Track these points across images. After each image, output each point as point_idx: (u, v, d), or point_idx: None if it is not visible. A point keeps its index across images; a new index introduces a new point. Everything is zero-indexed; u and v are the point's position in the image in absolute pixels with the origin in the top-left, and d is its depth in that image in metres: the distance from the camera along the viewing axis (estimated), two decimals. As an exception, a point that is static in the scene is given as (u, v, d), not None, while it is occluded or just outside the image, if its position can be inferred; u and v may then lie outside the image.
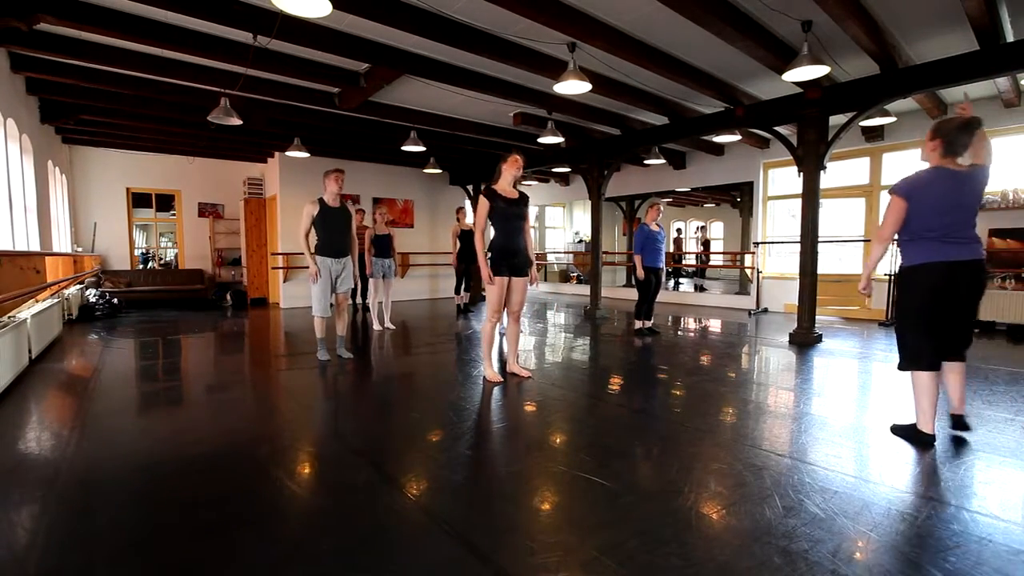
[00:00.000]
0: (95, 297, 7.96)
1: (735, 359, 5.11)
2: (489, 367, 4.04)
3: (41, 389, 3.96)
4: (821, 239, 5.77)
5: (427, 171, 9.37)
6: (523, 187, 7.93)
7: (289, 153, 8.01)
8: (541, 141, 7.16)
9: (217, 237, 10.78)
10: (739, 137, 7.68)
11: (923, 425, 2.69)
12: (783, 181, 8.85)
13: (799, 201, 5.92)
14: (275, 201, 9.57)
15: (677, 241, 15.76)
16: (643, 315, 6.20)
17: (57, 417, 3.34)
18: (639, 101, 6.24)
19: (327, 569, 1.69)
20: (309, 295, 4.76)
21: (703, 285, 12.89)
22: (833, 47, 4.78)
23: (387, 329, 6.68)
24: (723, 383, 4.06)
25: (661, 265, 6.10)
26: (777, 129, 6.07)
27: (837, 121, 5.62)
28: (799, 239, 5.81)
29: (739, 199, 12.20)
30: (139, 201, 10.41)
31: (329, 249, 4.62)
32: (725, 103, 6.24)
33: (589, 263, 8.69)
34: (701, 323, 7.57)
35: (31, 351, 4.59)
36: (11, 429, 3.06)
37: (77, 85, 5.70)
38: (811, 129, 5.57)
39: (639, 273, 6.01)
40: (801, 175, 5.71)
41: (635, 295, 6.27)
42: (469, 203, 11.39)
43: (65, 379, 4.32)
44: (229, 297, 9.81)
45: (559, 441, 2.87)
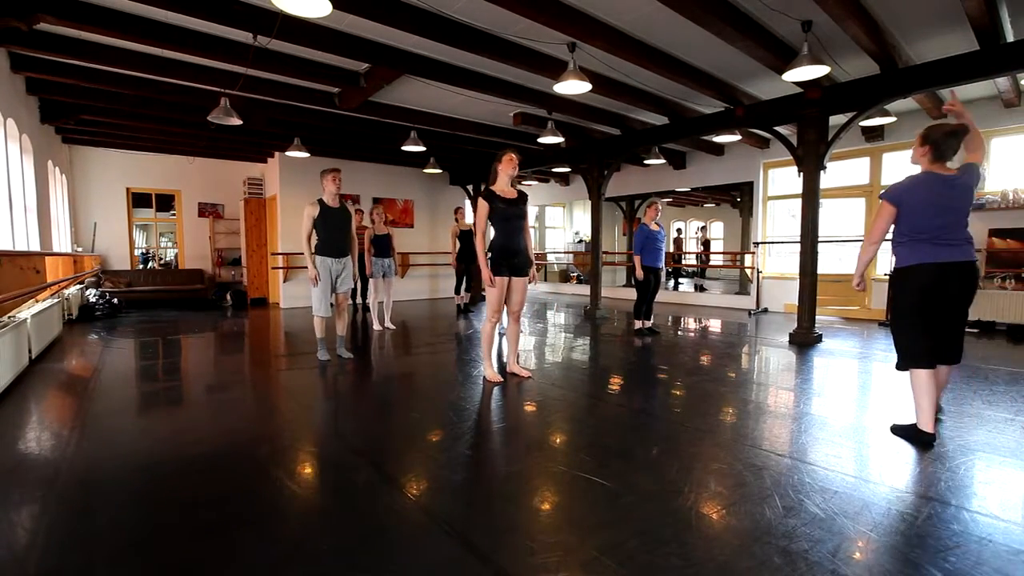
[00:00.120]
0: (95, 297, 7.96)
1: (735, 359, 5.11)
2: (489, 367, 4.04)
3: (41, 389, 3.96)
4: (821, 239, 5.77)
5: (427, 171, 9.36)
6: (523, 187, 7.94)
7: (289, 153, 8.01)
8: (541, 141, 7.16)
9: (217, 237, 10.78)
10: (739, 137, 7.68)
11: (923, 424, 2.70)
12: (783, 181, 8.85)
13: (799, 201, 5.92)
14: (275, 201, 9.58)
15: (677, 241, 15.76)
16: (643, 315, 6.20)
17: (57, 417, 3.34)
18: (639, 101, 6.24)
19: (327, 569, 1.69)
20: (309, 295, 4.76)
21: (703, 285, 12.89)
22: (833, 47, 4.78)
23: (387, 329, 6.68)
24: (723, 383, 4.06)
25: (660, 265, 6.09)
26: (777, 129, 6.07)
27: (837, 121, 5.62)
28: (799, 239, 5.81)
29: (739, 199, 12.20)
30: (139, 201, 10.41)
31: (329, 249, 4.62)
32: (725, 103, 6.24)
33: (589, 263, 8.69)
34: (701, 323, 7.57)
35: (31, 351, 4.59)
36: (11, 429, 3.06)
37: (77, 85, 5.70)
38: (811, 129, 5.57)
39: (638, 273, 6.00)
40: (801, 175, 5.71)
41: (635, 295, 6.27)
42: (469, 203, 11.40)
43: (65, 379, 4.32)
44: (229, 297, 9.81)
45: (559, 441, 2.87)
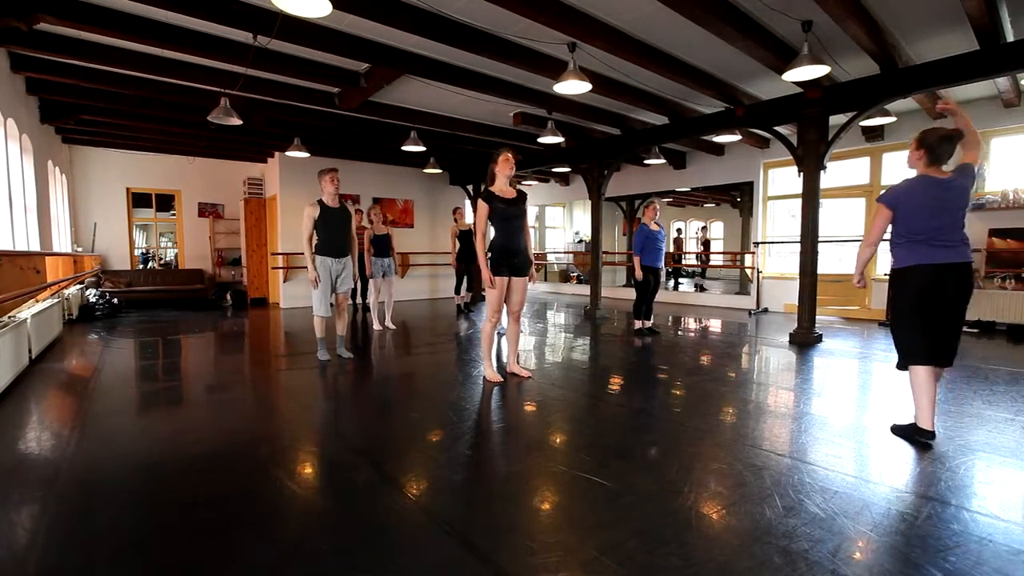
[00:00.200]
0: (95, 297, 7.96)
1: (735, 359, 5.11)
2: (489, 367, 4.04)
3: (41, 389, 3.96)
4: (821, 239, 5.77)
5: (427, 171, 9.36)
6: (523, 186, 7.93)
7: (289, 153, 8.01)
8: (541, 141, 7.16)
9: (217, 237, 10.78)
10: (739, 137, 7.68)
11: (922, 422, 2.71)
12: (783, 181, 8.85)
13: (799, 201, 5.92)
14: (275, 201, 9.58)
15: (677, 241, 15.76)
16: (642, 315, 6.21)
17: (57, 417, 3.34)
18: (639, 101, 6.24)
19: (327, 569, 1.69)
20: (309, 295, 4.76)
21: (703, 285, 12.89)
22: (833, 47, 4.78)
23: (387, 329, 6.67)
24: (723, 383, 4.06)
25: (660, 265, 6.09)
26: (777, 129, 6.06)
27: (837, 121, 5.61)
28: (799, 239, 5.81)
29: (739, 199, 12.20)
30: (139, 201, 10.41)
31: (329, 249, 4.62)
32: (725, 103, 6.24)
33: (589, 263, 8.69)
34: (701, 323, 7.57)
35: (31, 351, 4.59)
36: (11, 429, 3.06)
37: (77, 85, 5.70)
38: (811, 129, 5.57)
39: (637, 274, 6.01)
40: (801, 175, 5.71)
41: (635, 295, 6.27)
42: (469, 203, 11.39)
43: (65, 379, 4.32)
44: (229, 297, 9.81)
45: (559, 441, 2.87)
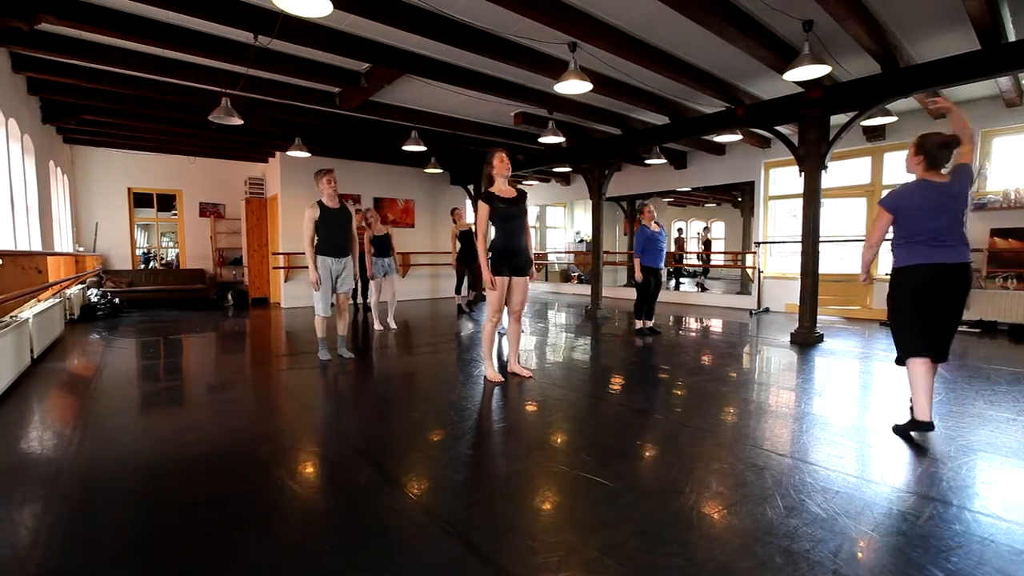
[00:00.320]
0: (97, 297, 7.97)
1: (736, 359, 5.11)
2: (490, 367, 4.04)
3: (43, 388, 3.96)
4: (822, 239, 5.77)
5: (428, 171, 9.36)
6: (523, 186, 7.95)
7: (290, 153, 8.01)
8: (542, 141, 7.16)
9: (218, 237, 10.79)
10: (740, 137, 7.67)
11: (920, 414, 2.75)
12: (784, 181, 8.84)
13: (800, 201, 5.92)
14: (276, 201, 9.58)
15: (679, 241, 15.75)
16: (643, 315, 6.21)
17: (59, 416, 3.35)
18: (640, 101, 6.23)
19: (328, 569, 1.69)
20: (310, 295, 4.76)
21: (704, 284, 12.89)
22: (834, 47, 4.77)
23: (389, 328, 6.66)
24: (724, 383, 4.06)
25: (661, 265, 6.10)
26: (778, 129, 6.06)
27: (838, 121, 5.60)
28: (800, 239, 5.80)
29: (740, 199, 12.18)
30: (140, 201, 10.42)
31: (330, 248, 4.62)
32: (726, 103, 6.24)
33: (590, 263, 8.68)
34: (702, 323, 7.56)
35: (33, 351, 4.60)
36: (13, 428, 3.06)
37: (78, 85, 5.70)
38: (812, 129, 5.56)
39: (637, 276, 6.02)
40: (802, 175, 5.70)
41: (636, 295, 6.27)
42: (469, 203, 11.39)
43: (67, 379, 4.32)
44: (230, 297, 9.82)
45: (560, 441, 2.87)
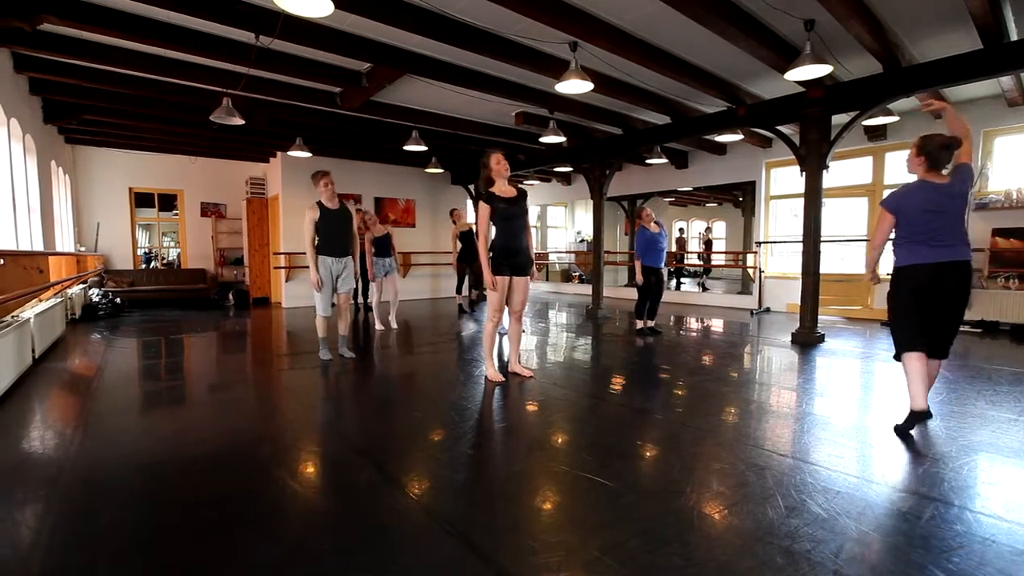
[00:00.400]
0: (98, 297, 7.98)
1: (737, 359, 5.10)
2: (491, 367, 4.04)
3: (44, 388, 3.97)
4: (824, 239, 5.76)
5: (429, 171, 9.37)
6: (524, 186, 7.92)
7: (291, 153, 8.02)
8: (543, 140, 7.16)
9: (219, 237, 10.80)
10: (741, 136, 7.66)
11: (916, 405, 2.80)
12: (785, 180, 8.83)
13: (801, 200, 5.91)
14: (277, 201, 9.59)
15: (680, 241, 15.73)
16: (644, 315, 6.21)
17: (60, 416, 3.35)
18: (641, 100, 6.23)
19: (329, 569, 1.69)
20: (311, 295, 4.77)
21: (705, 284, 12.88)
22: (836, 46, 4.76)
23: (391, 328, 6.66)
24: (725, 383, 4.06)
25: (661, 266, 6.11)
26: (779, 128, 6.05)
27: (840, 120, 5.59)
28: (801, 239, 5.79)
29: (741, 198, 12.16)
30: (142, 201, 10.43)
31: (330, 248, 4.62)
32: (727, 102, 6.23)
33: (591, 263, 8.68)
34: (703, 323, 7.56)
35: (34, 350, 4.60)
36: (15, 428, 3.07)
37: (80, 85, 5.71)
38: (814, 128, 5.56)
39: (638, 278, 6.03)
40: (803, 174, 5.70)
41: (636, 295, 6.28)
42: (470, 202, 11.40)
43: (68, 378, 4.33)
44: (231, 297, 9.83)
45: (561, 441, 2.87)
